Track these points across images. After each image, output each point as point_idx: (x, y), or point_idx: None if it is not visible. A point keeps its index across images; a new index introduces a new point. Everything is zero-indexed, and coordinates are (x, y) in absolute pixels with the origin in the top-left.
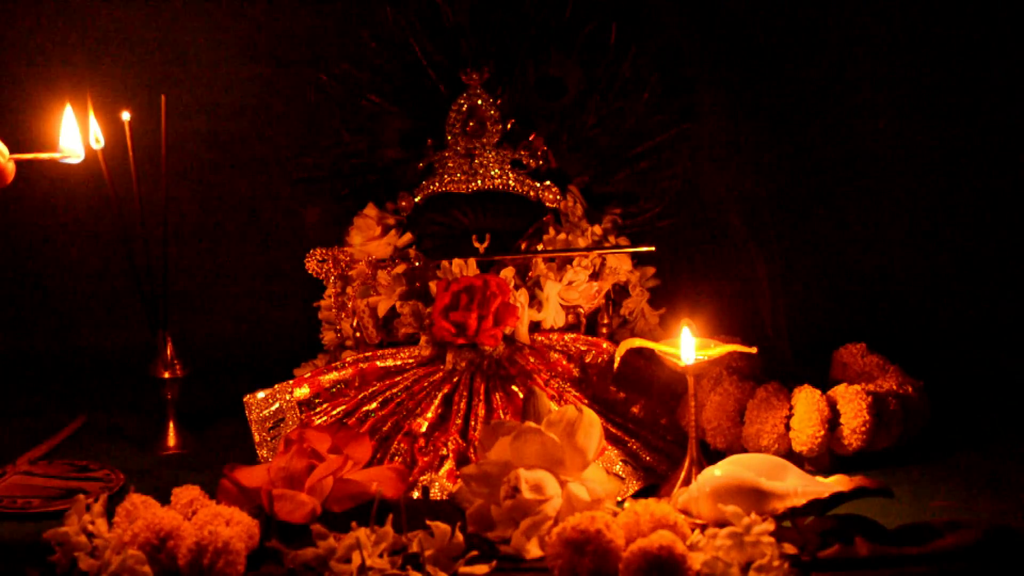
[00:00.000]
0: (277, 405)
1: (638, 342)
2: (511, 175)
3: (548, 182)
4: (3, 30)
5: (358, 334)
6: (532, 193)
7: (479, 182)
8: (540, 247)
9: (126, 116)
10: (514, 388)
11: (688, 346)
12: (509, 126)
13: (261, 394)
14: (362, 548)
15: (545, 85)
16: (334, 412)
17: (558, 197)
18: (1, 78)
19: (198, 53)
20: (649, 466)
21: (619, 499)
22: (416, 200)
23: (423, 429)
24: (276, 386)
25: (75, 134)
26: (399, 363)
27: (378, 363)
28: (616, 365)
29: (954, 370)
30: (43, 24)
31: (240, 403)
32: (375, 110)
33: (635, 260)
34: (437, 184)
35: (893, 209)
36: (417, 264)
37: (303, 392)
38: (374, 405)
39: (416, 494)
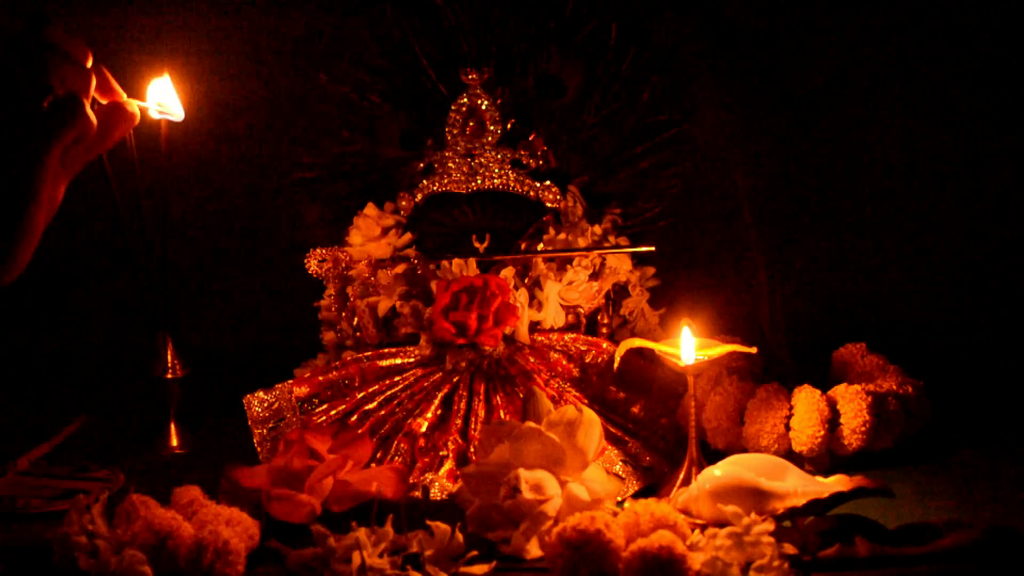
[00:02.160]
0: (277, 405)
1: (638, 342)
2: (511, 175)
3: (548, 182)
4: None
5: (358, 334)
6: (532, 193)
7: (479, 182)
8: (540, 247)
9: None
10: (514, 388)
11: (688, 346)
12: (509, 126)
13: (261, 394)
14: (362, 548)
15: (545, 85)
16: (334, 412)
17: (558, 197)
18: None
19: (198, 53)
20: (649, 466)
21: (619, 499)
22: (416, 200)
23: (423, 429)
24: (276, 386)
25: (172, 95)
26: (399, 363)
27: (378, 363)
28: (616, 365)
29: (954, 370)
30: None
31: (240, 403)
32: (375, 110)
33: (635, 260)
34: (437, 184)
35: (894, 209)
36: (417, 264)
37: (303, 392)
38: (374, 405)
39: (416, 494)
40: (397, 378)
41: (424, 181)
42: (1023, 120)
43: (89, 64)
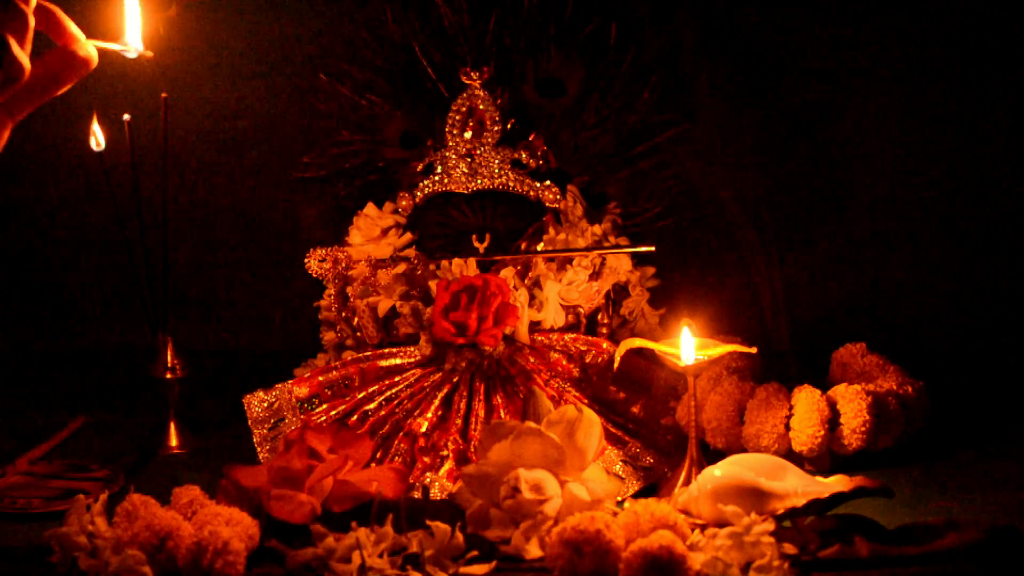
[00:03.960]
0: (277, 405)
1: (638, 342)
2: (511, 175)
3: (548, 182)
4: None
5: (358, 334)
6: (532, 193)
7: (479, 182)
8: (540, 247)
9: (127, 117)
10: (514, 388)
11: (688, 346)
12: (509, 126)
13: (261, 394)
14: (362, 548)
15: (545, 85)
16: (334, 412)
17: (558, 197)
18: None
19: (199, 53)
20: (649, 466)
21: (619, 499)
22: (416, 200)
23: (423, 429)
24: (276, 386)
25: (136, 27)
26: (399, 363)
27: (378, 363)
28: (616, 365)
29: (954, 370)
30: None
31: (240, 403)
32: (375, 110)
33: (635, 260)
34: (437, 184)
35: (893, 209)
36: (417, 264)
37: (303, 392)
38: (374, 405)
39: (416, 494)
40: (397, 378)
41: (424, 181)
42: (1021, 120)
43: (29, 6)
